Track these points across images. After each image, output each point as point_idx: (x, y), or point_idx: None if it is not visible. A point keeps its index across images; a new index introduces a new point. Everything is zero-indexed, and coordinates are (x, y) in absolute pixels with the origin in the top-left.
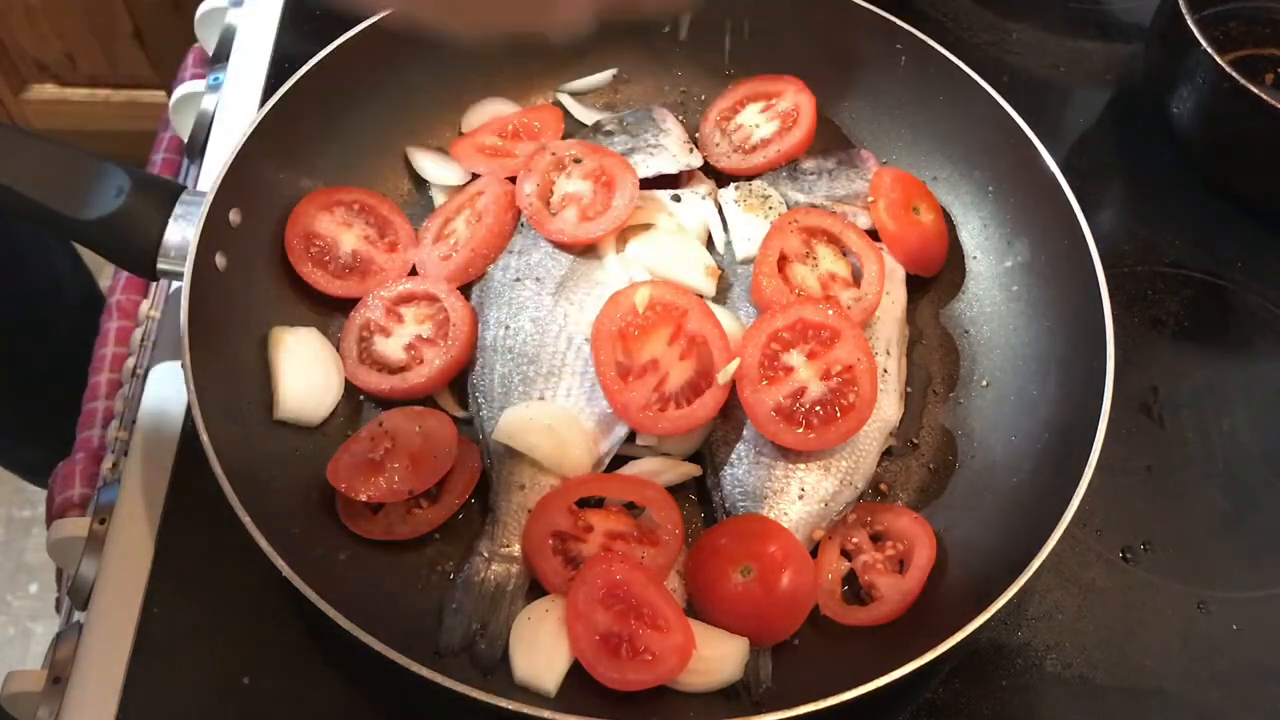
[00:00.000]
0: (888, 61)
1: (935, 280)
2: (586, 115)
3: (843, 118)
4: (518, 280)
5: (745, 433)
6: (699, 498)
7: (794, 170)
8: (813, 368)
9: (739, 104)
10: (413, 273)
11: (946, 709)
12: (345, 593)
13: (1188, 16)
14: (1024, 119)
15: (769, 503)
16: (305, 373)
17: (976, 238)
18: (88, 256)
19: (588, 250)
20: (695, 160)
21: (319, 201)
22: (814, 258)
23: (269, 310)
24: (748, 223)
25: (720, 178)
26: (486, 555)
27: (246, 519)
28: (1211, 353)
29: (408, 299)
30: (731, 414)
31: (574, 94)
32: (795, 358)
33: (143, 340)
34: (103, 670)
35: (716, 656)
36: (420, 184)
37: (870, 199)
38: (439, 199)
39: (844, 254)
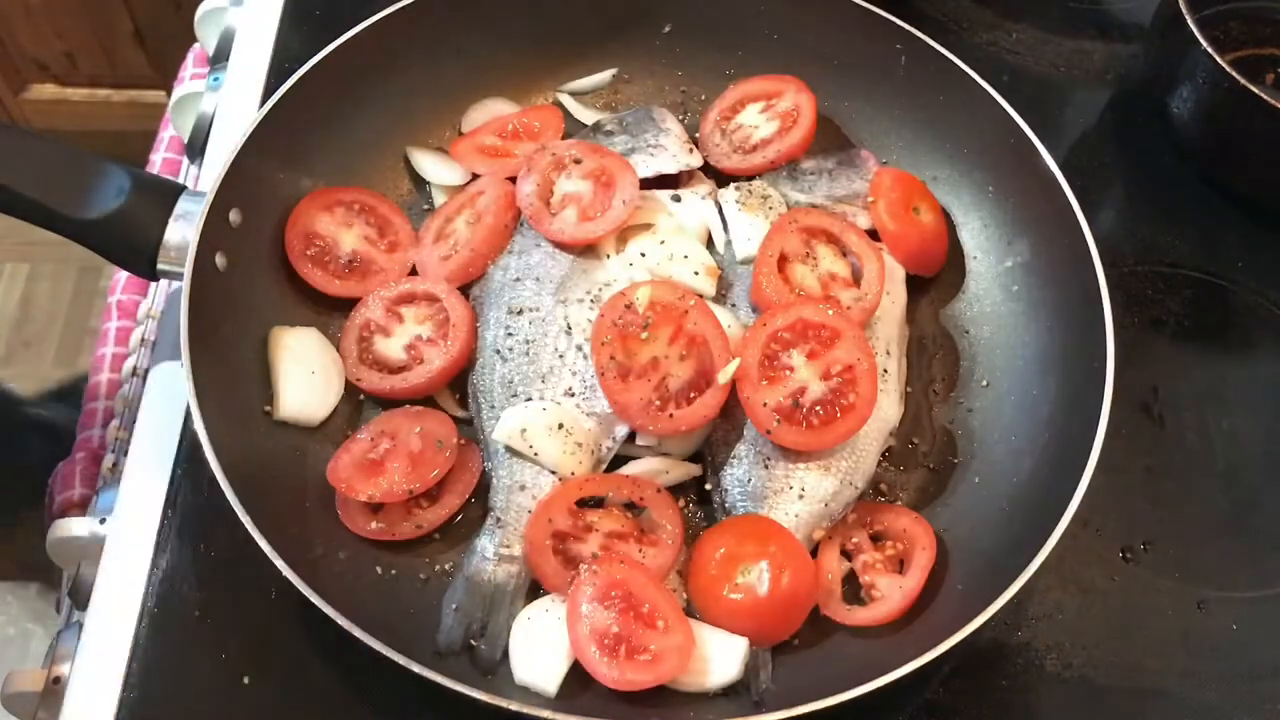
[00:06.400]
0: (888, 61)
1: (935, 280)
2: (586, 115)
3: (843, 118)
4: (518, 280)
5: (745, 433)
6: (699, 498)
7: (794, 170)
8: (813, 368)
9: (739, 104)
10: (413, 273)
11: (946, 709)
12: (345, 593)
13: (1188, 16)
14: (1024, 119)
15: (769, 503)
16: (305, 373)
17: (976, 238)
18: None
19: (588, 250)
20: (695, 160)
21: (319, 201)
22: (814, 258)
23: (269, 310)
24: (748, 223)
25: (720, 178)
26: (486, 555)
27: (246, 519)
28: (1211, 353)
29: (408, 299)
30: (731, 414)
31: (574, 94)
32: (795, 358)
33: (143, 340)
34: (103, 670)
35: (716, 656)
36: (420, 184)
37: (870, 199)
38: (439, 199)
39: (844, 254)
